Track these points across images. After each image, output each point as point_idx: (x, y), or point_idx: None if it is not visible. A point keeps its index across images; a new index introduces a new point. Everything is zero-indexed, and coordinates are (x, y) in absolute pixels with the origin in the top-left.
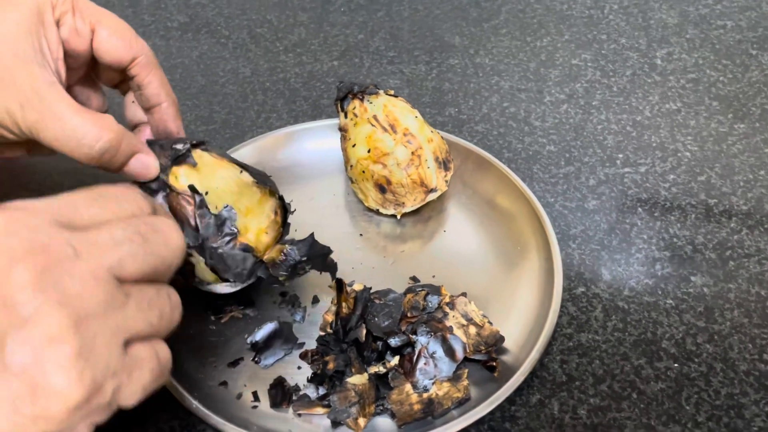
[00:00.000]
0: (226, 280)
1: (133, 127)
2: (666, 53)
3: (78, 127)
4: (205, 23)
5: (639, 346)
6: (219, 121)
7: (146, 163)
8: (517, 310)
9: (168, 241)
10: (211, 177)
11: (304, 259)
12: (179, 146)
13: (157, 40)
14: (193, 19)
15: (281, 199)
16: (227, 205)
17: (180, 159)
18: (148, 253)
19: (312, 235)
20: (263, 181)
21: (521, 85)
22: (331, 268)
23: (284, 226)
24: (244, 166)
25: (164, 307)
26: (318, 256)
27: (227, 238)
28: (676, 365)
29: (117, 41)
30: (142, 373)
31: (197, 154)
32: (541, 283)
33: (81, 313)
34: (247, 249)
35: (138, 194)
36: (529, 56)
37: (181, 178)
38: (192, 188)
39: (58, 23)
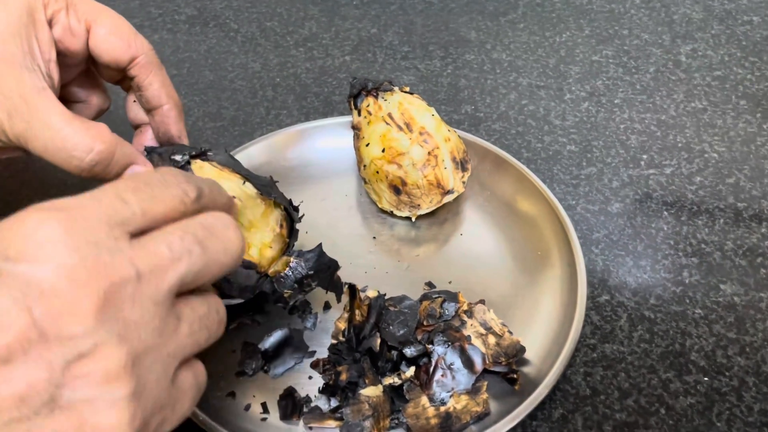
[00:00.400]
0: (230, 296)
1: (135, 127)
2: (690, 49)
3: (68, 138)
4: (214, 16)
5: (667, 358)
6: (227, 117)
7: None
8: (538, 319)
9: (228, 247)
10: None
11: (311, 273)
12: (178, 158)
13: (164, 34)
14: (201, 11)
15: (287, 210)
16: None
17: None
18: (207, 264)
19: (320, 246)
20: (267, 191)
21: (540, 81)
22: (337, 288)
23: (291, 236)
24: (247, 176)
25: (212, 325)
26: (325, 270)
27: None
28: (706, 379)
29: (115, 40)
30: (184, 403)
31: (197, 165)
32: (563, 291)
33: (139, 348)
34: (249, 266)
35: (182, 176)
36: (548, 52)
37: None
38: None
39: (50, 22)
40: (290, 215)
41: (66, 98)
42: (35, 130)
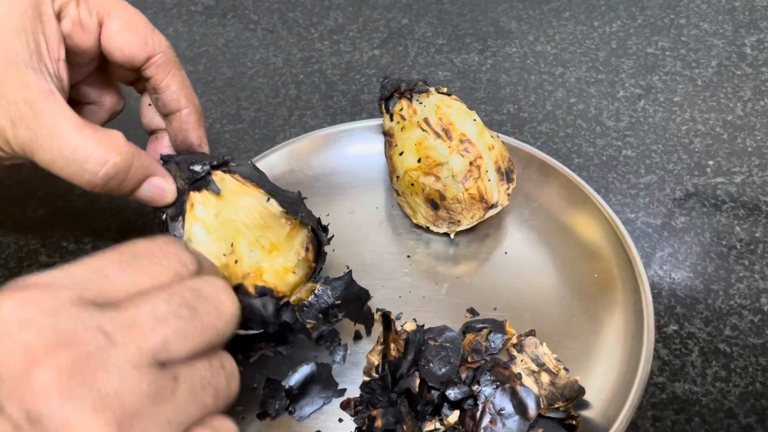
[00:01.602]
0: (250, 328)
1: (150, 133)
2: (756, 41)
3: (79, 148)
4: (232, 6)
5: (747, 400)
6: (248, 119)
7: (162, 188)
8: (598, 354)
9: (220, 309)
10: (231, 207)
11: (338, 303)
12: (197, 168)
13: (180, 26)
14: (219, 2)
15: (314, 231)
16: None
17: (199, 183)
18: (198, 328)
19: (350, 273)
20: (294, 210)
21: (590, 77)
22: (367, 320)
23: (318, 260)
24: (272, 192)
25: (219, 382)
26: (354, 300)
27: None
28: None
29: (129, 36)
30: None
31: (218, 176)
32: (627, 320)
33: (123, 415)
34: (263, 292)
35: (179, 249)
36: (597, 43)
37: (197, 207)
38: None
39: (58, 16)
40: (318, 237)
41: (76, 99)
42: (42, 139)
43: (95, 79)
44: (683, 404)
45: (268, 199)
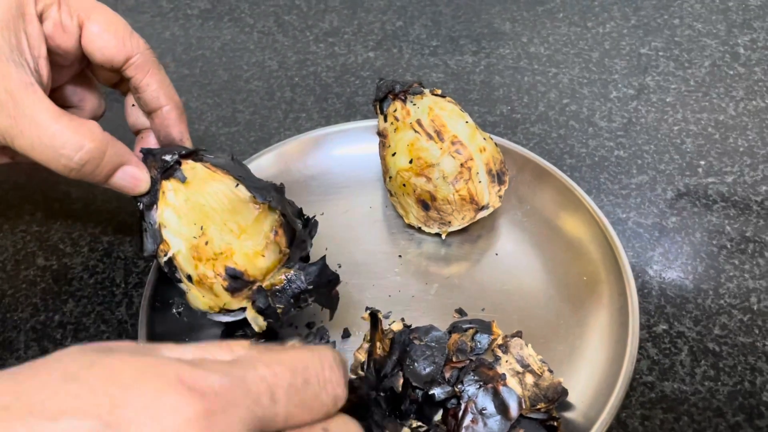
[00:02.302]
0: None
1: (136, 133)
2: (749, 40)
3: (56, 135)
4: (228, 10)
5: (735, 398)
6: (242, 122)
7: (135, 176)
8: (583, 355)
9: None
10: (200, 192)
11: (310, 288)
12: (167, 157)
13: (176, 30)
14: (215, 5)
15: (284, 216)
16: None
17: (169, 172)
18: None
19: (323, 258)
20: (261, 195)
21: (583, 78)
22: (332, 303)
23: (291, 245)
24: (241, 178)
25: None
26: (325, 284)
27: None
28: None
29: (108, 38)
30: None
31: (189, 165)
32: (613, 322)
33: None
34: (234, 275)
35: (342, 375)
36: (590, 44)
37: (168, 194)
38: None
39: (41, 17)
40: (290, 222)
41: (58, 102)
42: (21, 126)
43: (77, 83)
44: (672, 403)
45: (237, 185)
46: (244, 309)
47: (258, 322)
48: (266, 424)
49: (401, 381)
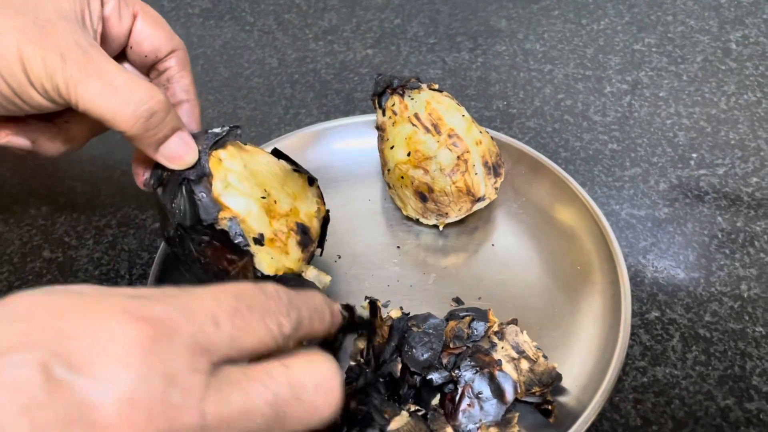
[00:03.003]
0: None
1: None
2: (741, 36)
3: (127, 83)
4: (229, 8)
5: (725, 382)
6: (244, 117)
7: (188, 143)
8: (577, 342)
9: (312, 415)
10: (255, 161)
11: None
12: (217, 130)
13: (178, 29)
14: (215, 4)
15: (319, 188)
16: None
17: (221, 141)
18: (283, 427)
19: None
20: (301, 169)
21: (577, 73)
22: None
23: (324, 227)
24: (278, 155)
25: None
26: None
27: None
28: None
29: (159, 30)
30: None
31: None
32: (605, 310)
33: None
34: (304, 230)
35: (284, 303)
36: (585, 41)
37: (225, 161)
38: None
39: (102, 1)
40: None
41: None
42: (90, 73)
43: None
44: (663, 387)
45: (279, 159)
46: (299, 275)
47: (322, 279)
48: (212, 349)
49: (400, 366)
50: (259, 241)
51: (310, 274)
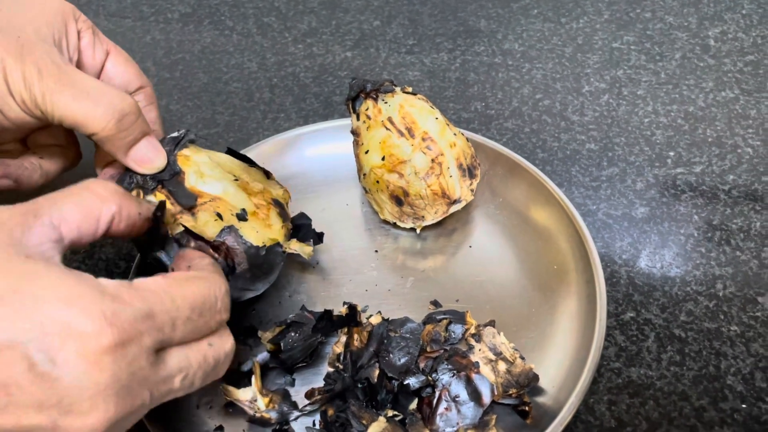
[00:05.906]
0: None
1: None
2: (720, 32)
3: (98, 87)
4: (209, 13)
5: (700, 383)
6: (222, 123)
7: (157, 147)
8: (554, 343)
9: (223, 369)
10: (216, 156)
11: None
12: (176, 134)
13: (157, 34)
14: (195, 9)
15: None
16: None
17: (183, 142)
18: (203, 381)
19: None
20: (257, 165)
21: (556, 73)
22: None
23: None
24: (233, 154)
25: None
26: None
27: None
28: (744, 406)
29: (129, 67)
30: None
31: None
32: (581, 310)
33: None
34: (278, 204)
35: (226, 304)
36: (564, 40)
37: (192, 157)
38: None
39: (78, 34)
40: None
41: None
42: (64, 84)
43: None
44: (638, 388)
45: (235, 157)
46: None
47: (305, 251)
48: (165, 344)
49: (377, 372)
50: (243, 216)
51: (294, 246)
